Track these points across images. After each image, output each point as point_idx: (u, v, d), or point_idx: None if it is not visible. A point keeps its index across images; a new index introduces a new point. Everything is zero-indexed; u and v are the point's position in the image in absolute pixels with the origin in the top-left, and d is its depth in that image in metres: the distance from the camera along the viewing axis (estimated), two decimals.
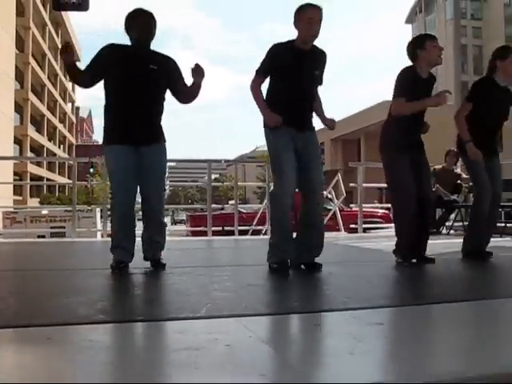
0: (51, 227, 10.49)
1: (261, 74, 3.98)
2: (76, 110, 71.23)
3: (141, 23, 3.85)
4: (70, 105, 66.07)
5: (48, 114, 52.47)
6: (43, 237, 10.02)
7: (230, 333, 2.03)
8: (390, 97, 4.44)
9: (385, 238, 6.51)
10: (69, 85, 63.39)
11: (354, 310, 2.44)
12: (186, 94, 4.08)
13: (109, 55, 3.83)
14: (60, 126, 58.88)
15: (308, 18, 3.85)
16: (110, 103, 3.88)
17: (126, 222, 3.92)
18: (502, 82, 4.68)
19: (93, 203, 23.28)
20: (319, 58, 4.06)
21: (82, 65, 3.96)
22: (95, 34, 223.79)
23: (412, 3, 71.99)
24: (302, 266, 3.96)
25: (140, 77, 3.79)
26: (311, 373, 1.56)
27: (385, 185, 4.60)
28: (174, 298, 2.88)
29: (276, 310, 2.43)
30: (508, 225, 8.54)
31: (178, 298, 2.80)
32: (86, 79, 3.91)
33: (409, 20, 75.42)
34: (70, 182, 11.19)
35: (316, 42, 3.99)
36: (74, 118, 68.47)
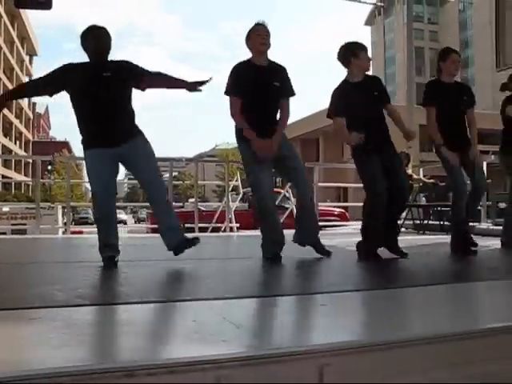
0: (12, 224, 10.56)
1: (233, 93, 4.33)
2: (33, 105, 69.84)
3: (95, 37, 4.06)
4: (26, 100, 64.74)
5: (4, 110, 51.30)
6: (4, 234, 10.08)
7: (195, 312, 2.36)
8: None
9: (339, 235, 6.94)
10: (25, 79, 62.18)
11: (304, 294, 2.81)
12: (161, 81, 4.25)
13: (64, 73, 4.05)
14: (16, 122, 57.69)
15: (256, 31, 4.36)
16: (78, 116, 4.09)
17: (109, 221, 4.17)
18: (448, 80, 5.15)
19: (51, 201, 23.09)
20: (278, 71, 4.44)
21: (38, 60, 4.15)
22: (54, 28, 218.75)
23: (371, 6, 73.36)
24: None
25: (97, 87, 3.98)
26: (263, 338, 1.90)
27: (340, 184, 4.98)
28: (138, 286, 3.19)
29: (236, 294, 2.77)
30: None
31: (146, 286, 3.11)
32: (31, 90, 4.15)
33: (368, 22, 76.73)
34: (29, 179, 11.33)
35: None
36: (30, 114, 67.15)
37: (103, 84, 4.01)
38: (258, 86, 4.29)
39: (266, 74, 4.34)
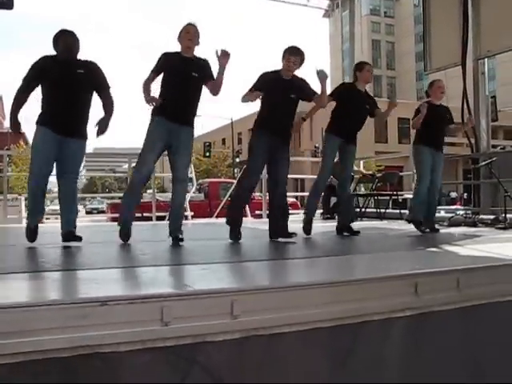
0: None
1: (152, 72, 4.97)
2: None
3: (64, 38, 4.77)
4: None
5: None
6: None
7: (152, 272, 3.24)
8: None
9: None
10: None
11: (233, 262, 3.73)
12: (106, 104, 4.90)
13: (42, 64, 4.69)
14: None
15: (186, 30, 5.02)
16: (45, 98, 4.74)
17: (38, 192, 4.80)
18: (362, 88, 6.18)
19: (8, 192, 23.27)
20: (200, 63, 5.06)
21: None
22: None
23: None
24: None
25: (70, 80, 4.65)
26: (197, 284, 2.75)
27: (296, 176, 5.74)
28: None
29: (182, 262, 3.73)
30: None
31: (109, 258, 3.97)
32: (24, 94, 4.72)
33: (326, 15, 77.73)
34: None
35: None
36: None
37: (76, 79, 4.69)
38: (181, 73, 4.92)
39: (188, 64, 4.96)
